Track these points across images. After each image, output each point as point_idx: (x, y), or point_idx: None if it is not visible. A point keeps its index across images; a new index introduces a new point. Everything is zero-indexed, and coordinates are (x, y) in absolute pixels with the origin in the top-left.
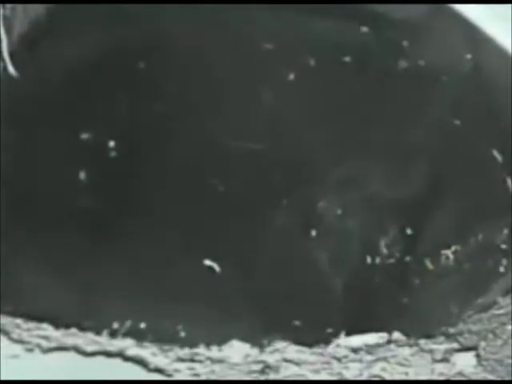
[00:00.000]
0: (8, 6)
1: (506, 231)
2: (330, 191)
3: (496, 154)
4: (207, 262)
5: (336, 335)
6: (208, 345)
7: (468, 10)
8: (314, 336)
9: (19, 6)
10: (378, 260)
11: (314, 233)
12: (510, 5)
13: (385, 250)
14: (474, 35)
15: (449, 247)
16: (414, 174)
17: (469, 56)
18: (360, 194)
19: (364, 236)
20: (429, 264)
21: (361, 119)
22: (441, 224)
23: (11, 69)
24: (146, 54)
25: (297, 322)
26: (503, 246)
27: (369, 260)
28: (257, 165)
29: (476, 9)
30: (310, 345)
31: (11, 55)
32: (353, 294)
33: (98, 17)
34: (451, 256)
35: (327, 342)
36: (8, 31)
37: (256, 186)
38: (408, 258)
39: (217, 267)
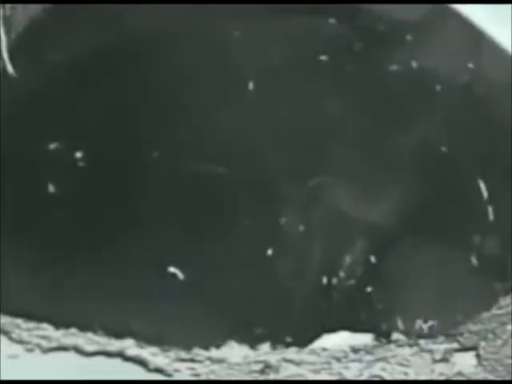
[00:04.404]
0: (8, 5)
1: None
2: (293, 208)
3: (481, 184)
4: (171, 269)
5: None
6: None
7: (468, 10)
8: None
9: (19, 6)
10: (335, 281)
11: (270, 251)
12: (510, 5)
13: (344, 274)
14: (478, 40)
15: (425, 321)
16: (384, 197)
17: (470, 65)
18: (324, 211)
19: (325, 255)
20: (400, 323)
21: (329, 133)
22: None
23: (10, 68)
24: (132, 59)
25: (257, 330)
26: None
27: (325, 280)
28: (219, 184)
29: (476, 9)
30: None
31: (10, 55)
32: (310, 310)
33: (97, 18)
34: (426, 329)
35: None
36: (7, 31)
37: (218, 204)
38: (370, 289)
39: (180, 274)
